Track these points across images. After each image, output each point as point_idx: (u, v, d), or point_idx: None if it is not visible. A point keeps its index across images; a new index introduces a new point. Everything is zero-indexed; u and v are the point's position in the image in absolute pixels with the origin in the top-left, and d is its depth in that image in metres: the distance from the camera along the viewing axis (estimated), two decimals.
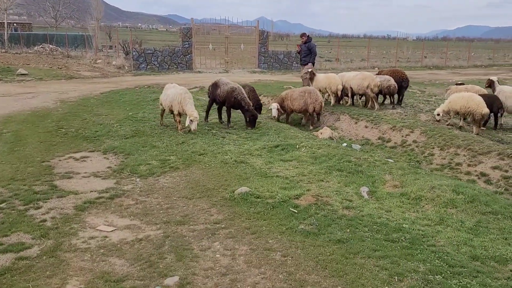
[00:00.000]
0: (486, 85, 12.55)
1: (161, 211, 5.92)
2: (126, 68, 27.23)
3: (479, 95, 11.20)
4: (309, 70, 13.63)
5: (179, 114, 10.08)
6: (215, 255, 4.72)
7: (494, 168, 8.28)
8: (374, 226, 5.38)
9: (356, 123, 11.77)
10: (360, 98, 14.17)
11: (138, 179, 7.24)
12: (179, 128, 10.20)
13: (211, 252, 4.80)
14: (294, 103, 11.64)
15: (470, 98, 10.85)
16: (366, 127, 11.42)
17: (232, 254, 4.74)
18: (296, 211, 5.78)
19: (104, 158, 8.46)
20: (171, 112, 10.38)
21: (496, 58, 49.95)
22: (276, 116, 12.18)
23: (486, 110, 10.73)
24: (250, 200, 6.13)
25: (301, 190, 6.49)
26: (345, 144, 10.55)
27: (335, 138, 10.93)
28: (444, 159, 9.09)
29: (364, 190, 6.59)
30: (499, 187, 7.84)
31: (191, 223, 5.52)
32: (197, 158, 8.23)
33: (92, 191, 6.64)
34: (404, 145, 10.17)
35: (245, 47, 31.47)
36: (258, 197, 6.22)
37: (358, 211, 5.85)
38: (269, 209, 5.87)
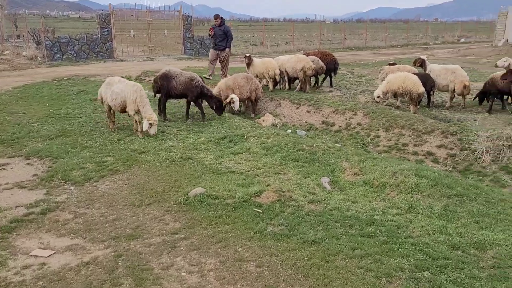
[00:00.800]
0: (418, 64, 12.83)
1: (106, 225, 5.13)
2: (39, 59, 24.82)
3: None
4: (247, 55, 13.08)
5: (136, 114, 8.57)
6: (181, 274, 4.10)
7: (440, 146, 8.38)
8: (346, 221, 5.05)
9: (297, 108, 11.48)
10: (293, 82, 13.86)
11: (72, 187, 6.31)
12: (138, 131, 8.64)
13: (174, 270, 4.16)
14: (243, 91, 11.03)
15: (407, 78, 10.98)
16: (308, 111, 11.18)
17: (200, 270, 4.14)
18: (261, 211, 5.28)
19: (28, 164, 7.34)
20: (122, 111, 8.85)
21: (408, 37, 52.68)
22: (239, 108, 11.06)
23: (422, 89, 10.92)
24: (208, 202, 5.53)
25: (260, 186, 6.00)
26: (289, 130, 10.22)
27: (278, 125, 10.57)
28: (390, 140, 9.08)
29: (325, 180, 6.25)
30: (447, 165, 7.94)
31: (145, 236, 4.82)
32: (138, 157, 7.41)
33: (18, 206, 5.64)
34: (349, 128, 10.05)
35: (169, 33, 30.11)
36: (216, 198, 5.64)
37: (325, 205, 5.50)
38: (231, 211, 5.31)
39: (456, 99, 12.10)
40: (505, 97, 11.54)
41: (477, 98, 11.85)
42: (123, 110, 8.66)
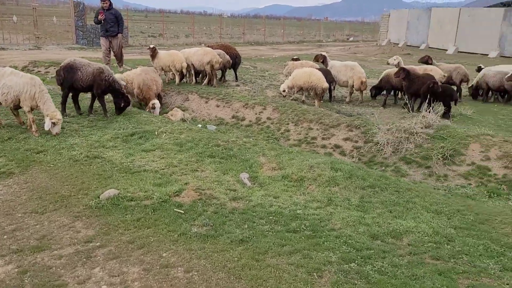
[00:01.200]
0: (321, 60, 13.35)
1: (4, 236, 4.47)
2: None
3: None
4: (151, 46, 12.47)
5: (31, 111, 7.59)
6: (101, 287, 3.71)
7: (346, 139, 8.79)
8: (270, 217, 5.01)
9: (206, 102, 11.26)
10: (199, 76, 13.57)
11: None
12: (33, 129, 7.68)
13: (93, 283, 3.75)
14: (159, 86, 10.44)
15: (312, 74, 11.36)
16: (217, 106, 11.02)
17: (122, 281, 3.78)
18: (182, 211, 5.03)
19: None
20: (16, 108, 7.84)
21: (303, 35, 55.07)
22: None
23: (326, 84, 11.40)
24: (124, 205, 5.11)
25: (178, 184, 5.71)
26: (200, 125, 9.99)
27: (187, 120, 10.26)
28: (300, 134, 9.31)
29: (244, 176, 6.17)
30: (353, 157, 8.36)
31: (53, 247, 4.28)
32: (35, 158, 6.62)
33: None
34: (259, 122, 10.11)
35: (58, 20, 27.76)
36: (131, 200, 5.24)
37: (247, 202, 5.41)
38: (150, 213, 4.97)
39: (354, 94, 12.83)
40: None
41: (372, 93, 12.72)
42: (17, 106, 7.67)
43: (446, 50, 31.30)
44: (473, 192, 6.80)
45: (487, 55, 28.11)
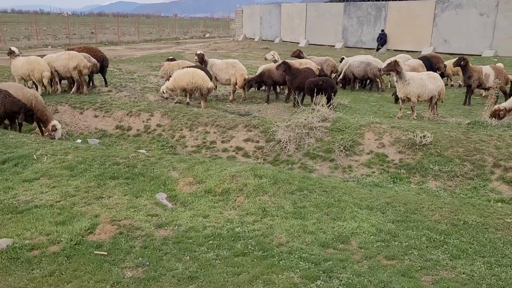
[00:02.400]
0: (198, 60, 12.83)
1: None
2: None
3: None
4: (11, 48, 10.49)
5: None
6: None
7: (246, 140, 8.52)
8: (210, 242, 4.45)
9: (81, 113, 9.91)
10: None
11: None
12: None
13: None
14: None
15: (195, 74, 10.82)
16: (96, 116, 9.78)
17: None
18: (105, 253, 4.16)
19: None
20: None
21: (157, 32, 53.49)
22: None
23: (211, 84, 10.99)
24: (25, 258, 4.02)
25: (87, 219, 4.75)
26: (79, 140, 8.73)
27: (63, 135, 8.88)
28: (197, 139, 8.75)
29: (162, 197, 5.44)
30: (258, 158, 8.13)
31: None
32: None
33: None
34: (148, 131, 9.24)
35: None
36: (33, 249, 4.16)
37: (176, 227, 4.74)
38: (64, 262, 3.99)
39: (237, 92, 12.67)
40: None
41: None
42: None
43: (299, 43, 33.33)
44: (378, 179, 7.13)
45: (334, 46, 30.73)
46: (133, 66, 18.97)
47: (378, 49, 27.64)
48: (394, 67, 9.23)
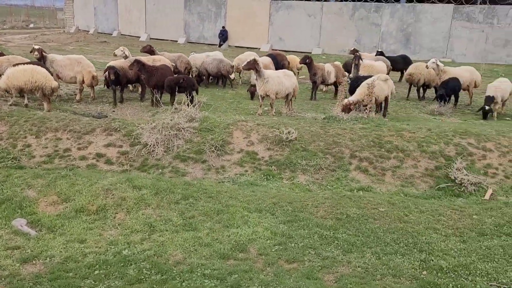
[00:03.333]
0: (39, 56, 11.11)
1: None
2: None
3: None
4: None
5: None
6: None
7: (108, 145, 7.69)
8: (95, 272, 3.82)
9: None
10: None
11: None
12: None
13: None
14: None
15: (36, 71, 9.36)
16: None
17: None
18: None
19: None
20: None
21: None
22: None
23: (55, 82, 9.66)
24: None
25: None
26: None
27: None
28: (47, 147, 7.58)
29: (21, 223, 4.50)
30: (123, 165, 7.43)
31: None
32: None
33: None
34: None
35: None
36: None
37: (48, 259, 3.97)
38: None
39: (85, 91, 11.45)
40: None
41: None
42: None
43: (139, 37, 32.01)
44: (252, 178, 7.16)
45: (177, 41, 30.35)
46: None
47: (220, 45, 28.24)
48: (253, 65, 9.40)
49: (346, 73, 13.04)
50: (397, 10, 25.90)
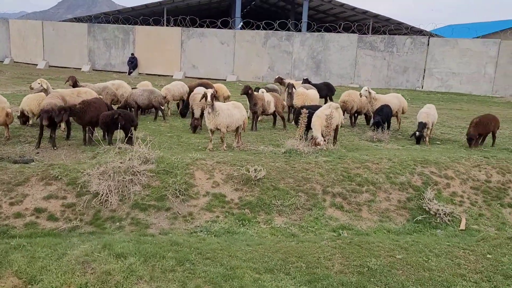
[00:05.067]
0: None
1: None
2: None
3: None
4: None
5: None
6: None
7: (48, 198, 6.39)
8: None
9: None
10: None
11: None
12: None
13: None
14: None
15: None
16: None
17: None
18: None
19: None
20: None
21: None
22: None
23: None
24: None
25: None
26: None
27: None
28: None
29: None
30: (70, 220, 6.22)
31: None
32: None
33: None
34: None
35: None
36: None
37: None
38: None
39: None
40: None
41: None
42: None
43: (36, 64, 29.24)
44: (227, 224, 6.44)
45: (81, 69, 28.21)
46: None
47: (130, 72, 26.86)
48: (212, 99, 8.71)
49: (285, 103, 12.91)
50: (306, 39, 26.93)
